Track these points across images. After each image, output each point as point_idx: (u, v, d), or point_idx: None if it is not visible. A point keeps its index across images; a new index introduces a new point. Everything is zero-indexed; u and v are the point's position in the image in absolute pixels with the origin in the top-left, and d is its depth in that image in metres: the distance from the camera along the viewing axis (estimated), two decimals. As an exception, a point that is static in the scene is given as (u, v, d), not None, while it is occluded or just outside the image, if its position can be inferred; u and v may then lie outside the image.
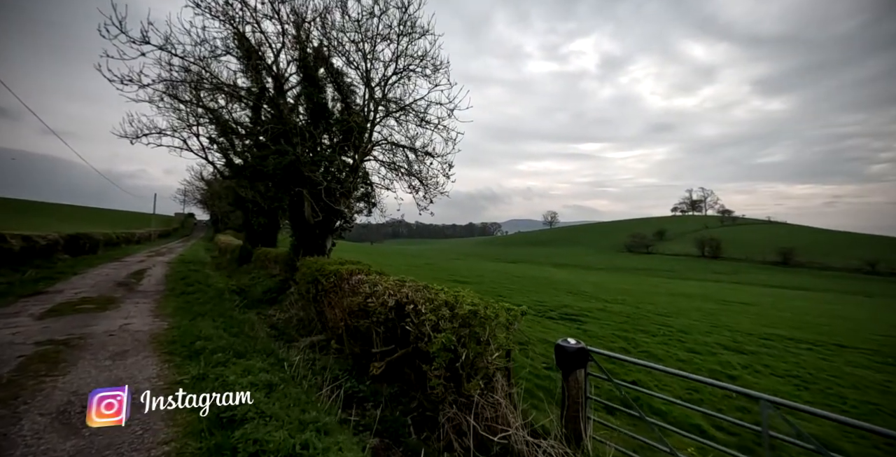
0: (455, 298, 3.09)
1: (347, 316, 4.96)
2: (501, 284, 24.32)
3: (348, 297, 5.10)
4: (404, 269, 29.23)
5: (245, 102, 10.07)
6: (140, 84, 6.50)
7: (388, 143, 10.16)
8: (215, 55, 7.52)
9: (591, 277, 40.56)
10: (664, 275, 55.37)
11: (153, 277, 11.98)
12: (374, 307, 3.73)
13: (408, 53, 9.03)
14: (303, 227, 9.67)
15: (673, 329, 9.64)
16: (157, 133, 15.89)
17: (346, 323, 5.11)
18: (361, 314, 4.30)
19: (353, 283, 5.07)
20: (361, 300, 4.20)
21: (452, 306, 2.98)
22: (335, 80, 10.61)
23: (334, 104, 10.89)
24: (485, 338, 2.62)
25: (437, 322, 2.90)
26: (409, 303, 3.36)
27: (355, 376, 4.96)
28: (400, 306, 3.50)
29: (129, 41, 6.17)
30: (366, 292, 4.25)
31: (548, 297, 18.09)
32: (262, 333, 6.01)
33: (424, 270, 30.77)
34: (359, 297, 4.35)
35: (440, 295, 3.27)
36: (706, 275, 57.39)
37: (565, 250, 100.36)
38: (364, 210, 10.76)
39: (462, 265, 48.29)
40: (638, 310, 14.85)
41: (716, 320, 12.79)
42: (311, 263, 7.65)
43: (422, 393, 3.57)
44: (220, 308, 6.79)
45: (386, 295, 3.76)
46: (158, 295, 8.51)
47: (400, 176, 10.21)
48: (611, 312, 13.57)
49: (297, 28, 9.56)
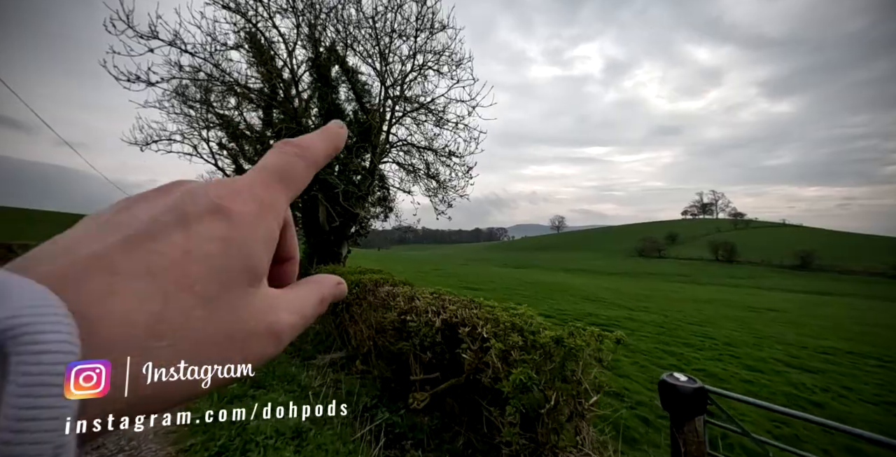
0: (523, 319, 2.50)
1: (376, 334, 4.37)
2: (515, 291, 23.61)
3: (376, 311, 4.53)
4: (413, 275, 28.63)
5: (256, 104, 9.65)
6: (147, 82, 6.08)
7: (405, 144, 9.66)
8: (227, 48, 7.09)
9: (605, 283, 39.59)
10: (679, 280, 54.08)
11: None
12: (414, 327, 3.14)
13: (426, 49, 8.55)
14: (317, 233, 9.16)
15: (716, 341, 8.91)
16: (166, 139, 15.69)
17: (374, 342, 4.53)
18: (395, 334, 3.71)
19: (382, 295, 4.50)
20: (395, 317, 3.62)
21: (521, 330, 2.39)
22: (349, 78, 10.18)
23: (348, 104, 10.45)
24: (577, 375, 2.02)
25: (506, 351, 2.31)
26: (462, 324, 2.78)
27: (386, 402, 4.36)
28: (450, 327, 2.92)
29: (137, 36, 5.76)
30: (400, 308, 3.67)
31: (567, 304, 17.36)
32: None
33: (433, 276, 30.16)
34: (391, 312, 3.77)
35: (500, 314, 2.69)
36: (723, 279, 55.96)
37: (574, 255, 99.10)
38: (380, 215, 10.24)
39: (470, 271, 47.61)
40: (667, 318, 14.07)
41: (755, 330, 11.99)
42: (327, 271, 7.11)
43: (470, 431, 2.96)
44: None
45: (429, 313, 3.17)
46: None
47: (418, 179, 9.69)
48: (640, 321, 12.83)
49: (311, 27, 9.16)
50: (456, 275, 34.94)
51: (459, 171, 8.69)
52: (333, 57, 10.18)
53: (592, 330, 2.18)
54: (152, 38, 5.88)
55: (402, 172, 10.15)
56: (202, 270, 0.23)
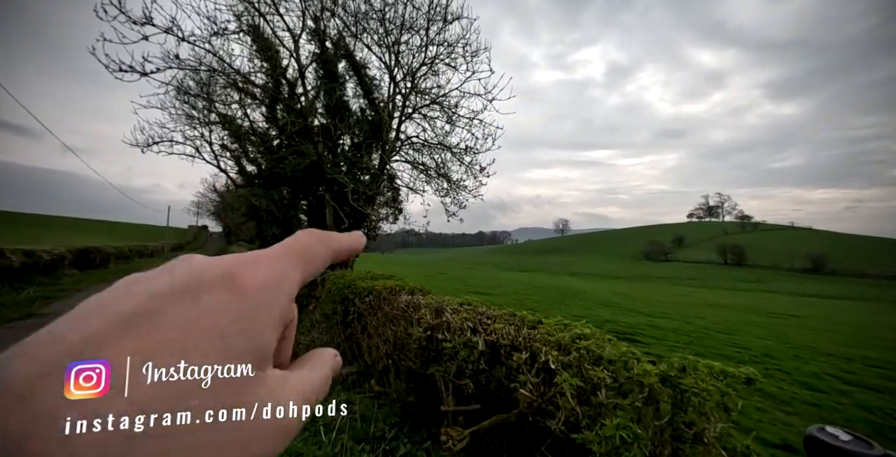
0: (597, 343, 1.93)
1: (396, 351, 3.79)
2: (525, 296, 22.96)
3: (395, 325, 3.96)
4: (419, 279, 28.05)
5: (260, 100, 9.17)
6: (142, 72, 5.59)
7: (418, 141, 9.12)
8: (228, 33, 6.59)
9: (615, 287, 38.81)
10: (688, 283, 53.17)
11: (161, 293, 11.01)
12: (449, 349, 2.57)
13: (437, 41, 8.04)
14: (324, 236, 8.62)
15: (753, 352, 8.25)
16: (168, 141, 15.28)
17: (392, 359, 3.95)
18: (421, 353, 3.14)
19: (402, 306, 3.93)
20: (421, 334, 3.04)
21: (607, 361, 1.81)
22: (357, 74, 9.69)
23: (356, 100, 9.96)
24: (706, 436, 1.44)
25: (584, 389, 1.74)
26: (515, 348, 2.20)
27: (407, 432, 3.77)
28: (495, 351, 2.35)
29: (129, 22, 5.28)
30: (427, 322, 3.09)
31: (581, 310, 16.70)
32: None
33: (438, 280, 29.55)
34: (415, 328, 3.19)
35: (561, 335, 2.11)
36: (733, 283, 54.95)
37: (580, 259, 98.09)
38: (389, 216, 9.69)
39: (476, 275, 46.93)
40: (690, 326, 13.38)
41: (787, 338, 11.29)
42: (336, 277, 6.55)
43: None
44: None
45: (466, 331, 2.60)
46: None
47: (430, 178, 9.15)
48: (663, 329, 12.16)
49: (316, 20, 8.68)
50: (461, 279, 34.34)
51: (476, 168, 8.14)
52: (340, 51, 9.71)
53: (710, 365, 1.60)
54: (146, 23, 5.40)
55: (412, 171, 9.62)
56: (206, 348, 0.21)
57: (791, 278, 63.11)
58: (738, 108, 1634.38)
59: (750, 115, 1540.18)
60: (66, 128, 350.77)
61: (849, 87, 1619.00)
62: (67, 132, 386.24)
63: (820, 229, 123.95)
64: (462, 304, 3.49)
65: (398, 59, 8.37)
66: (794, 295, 41.61)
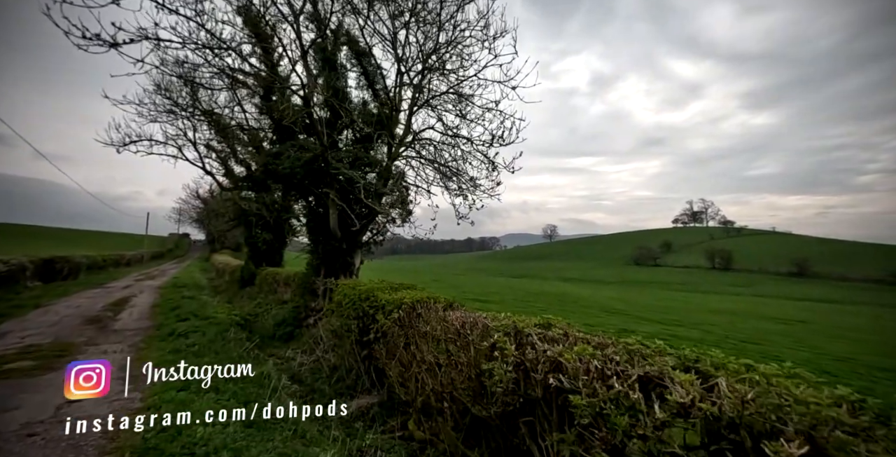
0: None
1: (450, 386, 2.86)
2: (528, 303, 22.13)
3: (444, 349, 3.04)
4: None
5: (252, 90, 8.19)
6: (111, 42, 4.60)
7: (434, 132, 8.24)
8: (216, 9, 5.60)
9: (611, 293, 38.37)
10: (681, 288, 53.27)
11: (137, 308, 9.77)
12: (583, 407, 1.66)
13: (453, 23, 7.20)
14: (326, 241, 7.62)
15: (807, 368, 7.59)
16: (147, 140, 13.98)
17: (438, 396, 3.02)
18: (508, 400, 2.22)
19: (454, 326, 3.01)
20: (507, 374, 2.13)
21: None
22: (360, 62, 8.81)
23: (359, 91, 9.06)
24: None
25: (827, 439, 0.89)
26: (773, 433, 1.31)
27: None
28: (715, 432, 1.46)
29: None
30: (512, 355, 2.18)
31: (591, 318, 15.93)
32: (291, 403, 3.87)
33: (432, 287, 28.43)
34: (494, 363, 2.28)
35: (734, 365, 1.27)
36: (723, 288, 55.31)
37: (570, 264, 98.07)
38: (397, 219, 8.74)
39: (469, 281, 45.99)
40: (709, 334, 12.72)
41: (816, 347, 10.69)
42: (347, 288, 5.57)
43: None
44: (227, 360, 4.59)
45: (610, 379, 1.70)
46: (139, 337, 6.31)
47: (447, 176, 8.25)
48: (683, 338, 11.44)
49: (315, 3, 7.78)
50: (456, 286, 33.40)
51: (499, 163, 7.27)
52: (342, 39, 8.83)
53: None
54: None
55: (421, 169, 8.71)
56: None
57: (777, 282, 63.99)
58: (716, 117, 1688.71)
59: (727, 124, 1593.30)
60: (39, 134, 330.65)
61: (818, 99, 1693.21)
62: (41, 139, 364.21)
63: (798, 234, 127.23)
64: (543, 325, 2.60)
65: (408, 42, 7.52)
66: (787, 299, 41.87)
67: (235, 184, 15.31)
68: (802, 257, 71.61)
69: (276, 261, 15.25)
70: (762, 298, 42.99)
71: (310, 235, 8.15)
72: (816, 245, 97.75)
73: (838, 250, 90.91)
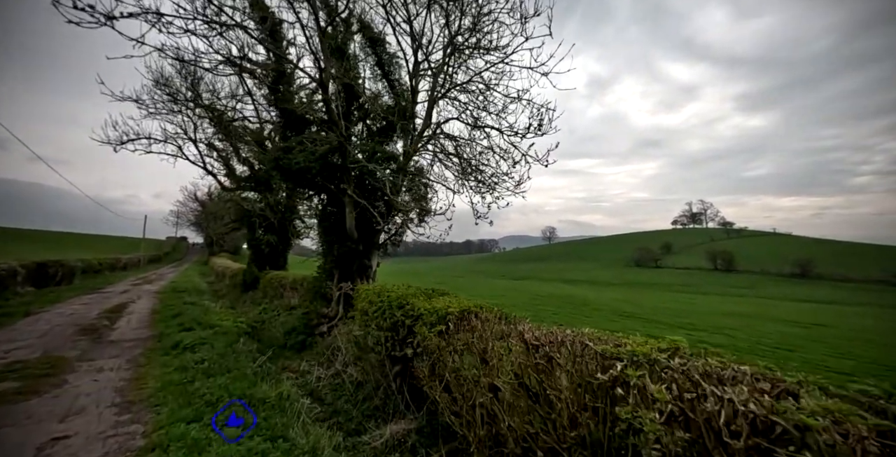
0: None
1: (532, 427, 2.29)
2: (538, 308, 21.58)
3: (505, 376, 2.48)
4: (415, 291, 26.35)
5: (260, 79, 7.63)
6: (107, 15, 4.03)
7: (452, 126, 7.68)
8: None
9: (617, 295, 37.84)
10: (683, 290, 52.79)
11: (135, 315, 9.12)
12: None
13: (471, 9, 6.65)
14: (341, 242, 7.03)
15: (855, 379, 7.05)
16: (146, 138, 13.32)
17: (518, 438, 2.44)
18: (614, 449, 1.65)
19: (511, 340, 2.44)
20: (643, 417, 1.55)
21: None
22: (375, 51, 8.27)
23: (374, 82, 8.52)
24: None
25: None
26: None
27: None
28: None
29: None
30: (677, 403, 1.59)
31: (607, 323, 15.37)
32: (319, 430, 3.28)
33: (442, 291, 27.88)
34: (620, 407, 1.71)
35: None
36: (726, 289, 54.89)
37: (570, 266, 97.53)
38: (415, 218, 8.16)
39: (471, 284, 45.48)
40: (736, 339, 12.18)
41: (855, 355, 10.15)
42: (372, 293, 4.98)
43: None
44: (241, 384, 3.91)
45: (847, 429, 1.13)
46: (139, 350, 5.66)
47: (467, 172, 7.68)
48: (713, 344, 10.86)
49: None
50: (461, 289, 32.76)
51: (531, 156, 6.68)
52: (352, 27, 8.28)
53: None
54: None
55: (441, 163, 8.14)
56: None
57: (780, 283, 63.65)
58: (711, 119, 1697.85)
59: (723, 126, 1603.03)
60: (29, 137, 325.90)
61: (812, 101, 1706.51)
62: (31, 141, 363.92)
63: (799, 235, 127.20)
64: (667, 349, 2.03)
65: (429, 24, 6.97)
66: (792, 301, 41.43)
67: (238, 184, 14.69)
68: (805, 259, 71.28)
69: (279, 264, 14.63)
70: (768, 299, 42.57)
71: (323, 235, 7.55)
72: (816, 246, 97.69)
73: (838, 251, 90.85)
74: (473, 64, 7.02)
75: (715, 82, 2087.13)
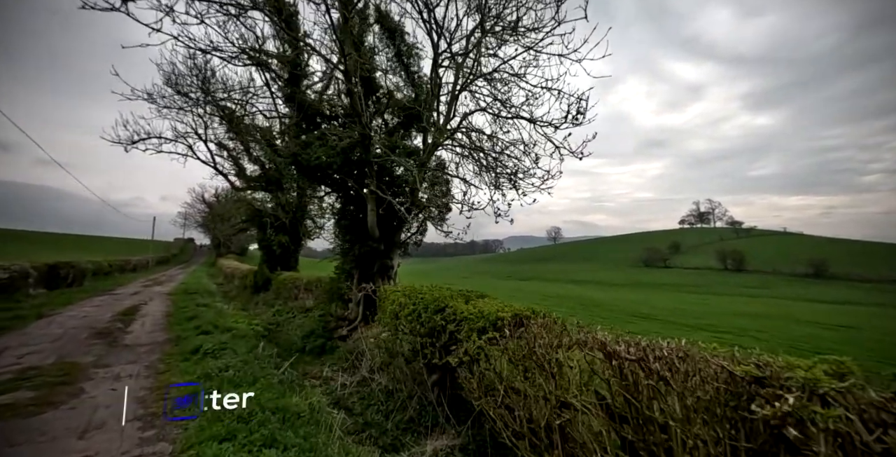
0: None
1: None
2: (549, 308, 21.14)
3: (584, 394, 2.14)
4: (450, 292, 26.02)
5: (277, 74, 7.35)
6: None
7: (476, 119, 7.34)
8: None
9: (628, 295, 37.25)
10: (694, 290, 51.95)
11: (149, 317, 8.86)
12: None
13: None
14: (362, 241, 6.72)
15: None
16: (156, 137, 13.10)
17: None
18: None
19: (591, 352, 2.09)
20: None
21: None
22: (393, 42, 7.96)
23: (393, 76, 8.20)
24: None
25: None
26: None
27: None
28: None
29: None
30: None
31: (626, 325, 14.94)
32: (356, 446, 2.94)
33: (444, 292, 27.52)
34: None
35: None
36: (738, 289, 53.94)
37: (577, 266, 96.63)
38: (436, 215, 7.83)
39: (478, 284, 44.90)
40: (759, 341, 11.68)
41: None
42: (401, 295, 4.64)
43: None
44: (269, 394, 3.56)
45: None
46: (156, 355, 5.37)
47: (491, 167, 7.33)
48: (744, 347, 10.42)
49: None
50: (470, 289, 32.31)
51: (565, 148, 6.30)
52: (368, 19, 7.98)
53: None
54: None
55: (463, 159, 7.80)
56: None
57: (793, 283, 62.52)
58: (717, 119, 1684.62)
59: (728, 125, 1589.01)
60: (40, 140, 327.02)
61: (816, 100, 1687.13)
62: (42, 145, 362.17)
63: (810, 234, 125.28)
64: (834, 374, 1.65)
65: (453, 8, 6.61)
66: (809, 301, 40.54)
67: (248, 184, 14.46)
68: (820, 258, 70.00)
69: (290, 265, 14.36)
70: (783, 300, 41.71)
71: (343, 235, 7.24)
72: (827, 245, 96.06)
73: (851, 251, 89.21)
74: (502, 52, 6.65)
75: (721, 81, 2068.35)
